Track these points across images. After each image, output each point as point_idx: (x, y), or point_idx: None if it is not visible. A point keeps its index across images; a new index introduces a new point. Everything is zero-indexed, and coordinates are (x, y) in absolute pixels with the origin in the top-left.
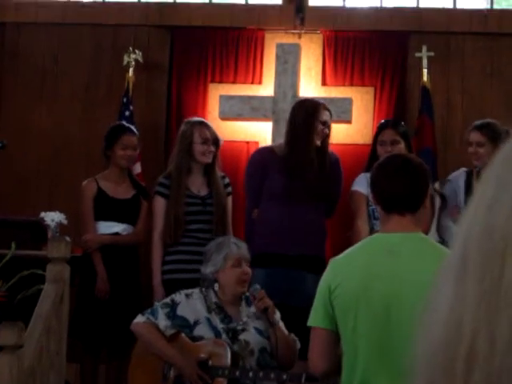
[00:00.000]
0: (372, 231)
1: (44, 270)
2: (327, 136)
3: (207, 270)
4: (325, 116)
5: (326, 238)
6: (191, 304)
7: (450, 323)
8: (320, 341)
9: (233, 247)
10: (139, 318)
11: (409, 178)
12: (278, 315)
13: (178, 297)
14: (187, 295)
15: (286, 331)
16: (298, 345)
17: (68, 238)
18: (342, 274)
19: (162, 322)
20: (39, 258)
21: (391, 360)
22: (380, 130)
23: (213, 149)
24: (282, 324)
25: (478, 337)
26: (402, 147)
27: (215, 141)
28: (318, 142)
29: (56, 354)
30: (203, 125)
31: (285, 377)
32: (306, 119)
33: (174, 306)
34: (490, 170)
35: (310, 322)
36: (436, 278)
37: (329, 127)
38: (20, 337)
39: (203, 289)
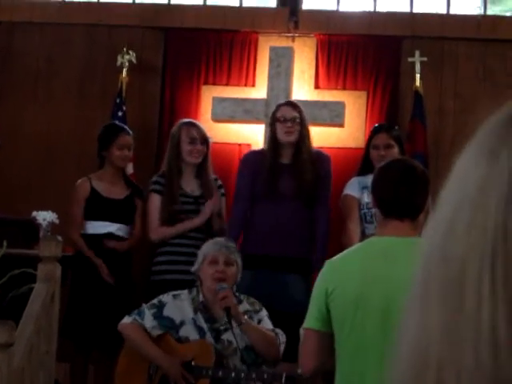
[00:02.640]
0: (363, 234)
1: (35, 269)
2: (302, 133)
3: (193, 268)
4: (283, 112)
5: (315, 241)
6: (178, 305)
7: (417, 352)
8: (312, 342)
9: (211, 246)
10: (126, 319)
11: (411, 185)
12: (262, 313)
13: (166, 298)
14: (174, 296)
15: (264, 327)
16: (283, 338)
17: (59, 238)
18: (339, 277)
19: (149, 322)
20: (30, 256)
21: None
22: (374, 133)
23: (200, 148)
24: (266, 320)
25: (444, 367)
26: (395, 151)
27: (203, 140)
28: (289, 138)
29: (46, 353)
30: (190, 124)
31: (265, 376)
32: (271, 120)
33: (160, 306)
34: (445, 193)
35: (305, 324)
36: (404, 302)
37: (300, 123)
38: (10, 335)
39: (192, 289)
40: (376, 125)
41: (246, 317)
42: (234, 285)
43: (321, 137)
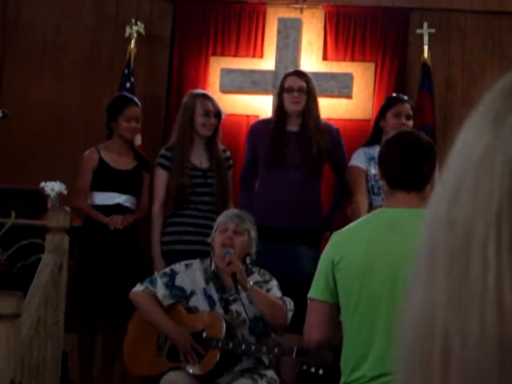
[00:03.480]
0: (371, 206)
1: (43, 239)
2: (309, 102)
3: (209, 239)
4: (289, 82)
5: (323, 212)
6: (190, 274)
7: (423, 320)
8: (317, 313)
9: (223, 215)
10: (138, 287)
11: (417, 156)
12: (272, 283)
13: (178, 266)
14: (187, 265)
15: (272, 295)
16: (291, 305)
17: (68, 208)
18: (346, 247)
19: (161, 291)
20: (38, 227)
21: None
22: (395, 102)
23: (214, 121)
24: (275, 290)
25: (451, 333)
26: (411, 124)
27: (217, 114)
28: (295, 108)
29: (54, 324)
30: (206, 97)
31: (276, 350)
32: (279, 90)
33: (172, 275)
34: (450, 161)
35: (310, 294)
36: (410, 272)
37: (307, 93)
38: (18, 306)
39: (205, 259)
40: (395, 94)
41: (251, 283)
42: (247, 255)
43: (329, 108)
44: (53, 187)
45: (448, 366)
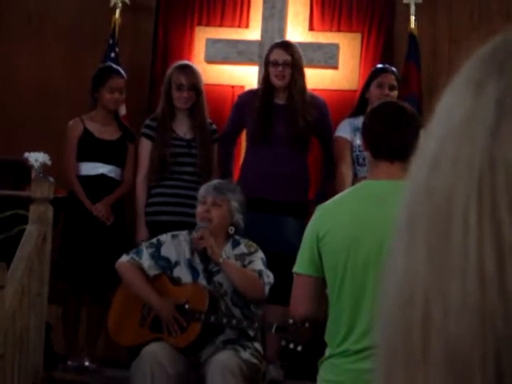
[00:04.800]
0: (355, 177)
1: (27, 210)
2: (294, 75)
3: (195, 210)
4: (274, 56)
5: (310, 185)
6: (176, 244)
7: (403, 289)
8: (303, 287)
9: (202, 188)
10: (124, 258)
11: (401, 126)
12: (256, 255)
13: (164, 237)
14: (173, 236)
15: (252, 267)
16: (269, 279)
17: (52, 179)
18: (331, 221)
19: (146, 262)
20: (22, 198)
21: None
22: (379, 72)
23: (187, 95)
24: (257, 262)
25: (431, 302)
26: (396, 94)
27: (192, 86)
28: (279, 82)
29: (38, 295)
30: (180, 70)
31: (256, 325)
32: (265, 61)
33: (158, 245)
34: (430, 128)
35: (296, 269)
36: (390, 241)
37: (294, 66)
38: (1, 277)
39: (193, 230)
40: (380, 65)
41: (224, 257)
42: (229, 226)
43: (315, 79)
44: (37, 158)
45: (428, 335)
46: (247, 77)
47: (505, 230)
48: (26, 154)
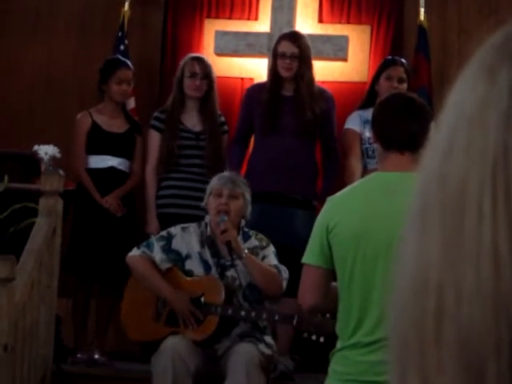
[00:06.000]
0: (365, 170)
1: (36, 203)
2: (301, 67)
3: (203, 203)
4: (282, 47)
5: (318, 176)
6: (186, 237)
7: (416, 278)
8: (311, 278)
9: (216, 180)
10: (135, 251)
11: (411, 117)
12: (269, 249)
13: (174, 230)
14: (183, 228)
15: (268, 262)
16: (286, 274)
17: (61, 172)
18: (341, 212)
19: (158, 255)
20: (32, 191)
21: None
22: (388, 65)
23: (199, 83)
24: (271, 257)
25: (445, 290)
26: (405, 87)
27: (205, 75)
28: (286, 74)
29: (47, 288)
30: (194, 59)
31: (276, 317)
32: (273, 52)
33: (170, 238)
34: (442, 117)
35: (305, 259)
36: (402, 231)
37: (301, 58)
38: (12, 270)
39: (202, 222)
40: (390, 57)
41: (246, 251)
42: (241, 219)
43: (324, 71)
44: (46, 151)
45: (441, 323)
46: (256, 69)
47: None
48: (36, 147)
